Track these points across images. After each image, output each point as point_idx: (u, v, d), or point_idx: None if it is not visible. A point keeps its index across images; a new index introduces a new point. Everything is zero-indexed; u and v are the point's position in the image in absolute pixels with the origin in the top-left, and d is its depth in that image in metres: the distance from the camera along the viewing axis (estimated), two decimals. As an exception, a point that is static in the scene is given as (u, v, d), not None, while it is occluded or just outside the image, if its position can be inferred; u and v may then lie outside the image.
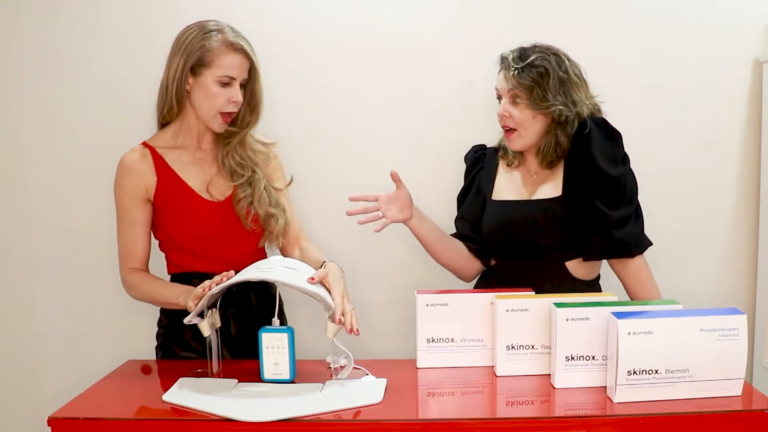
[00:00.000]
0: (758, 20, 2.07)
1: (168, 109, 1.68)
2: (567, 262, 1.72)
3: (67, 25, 2.07)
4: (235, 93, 1.63)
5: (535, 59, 1.65)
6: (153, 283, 1.67)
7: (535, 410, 1.41)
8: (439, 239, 1.80)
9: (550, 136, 1.69)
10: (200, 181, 1.70)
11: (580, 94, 1.68)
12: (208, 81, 1.61)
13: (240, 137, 1.71)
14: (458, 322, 1.57)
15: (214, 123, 1.66)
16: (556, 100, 1.64)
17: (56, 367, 2.20)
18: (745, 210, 2.15)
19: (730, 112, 2.12)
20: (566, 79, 1.66)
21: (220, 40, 1.61)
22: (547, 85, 1.64)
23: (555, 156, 1.71)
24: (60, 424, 1.31)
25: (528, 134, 1.70)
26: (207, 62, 1.61)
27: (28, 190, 2.15)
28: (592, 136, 1.66)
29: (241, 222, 1.70)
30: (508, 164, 1.81)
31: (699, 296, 2.11)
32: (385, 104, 2.11)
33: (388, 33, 2.08)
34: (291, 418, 1.28)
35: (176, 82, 1.63)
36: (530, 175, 1.77)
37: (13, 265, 2.18)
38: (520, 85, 1.65)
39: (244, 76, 1.65)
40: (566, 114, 1.65)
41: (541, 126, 1.69)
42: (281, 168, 1.82)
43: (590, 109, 1.69)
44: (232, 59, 1.61)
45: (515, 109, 1.68)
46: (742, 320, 1.34)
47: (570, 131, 1.68)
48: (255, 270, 1.50)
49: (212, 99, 1.62)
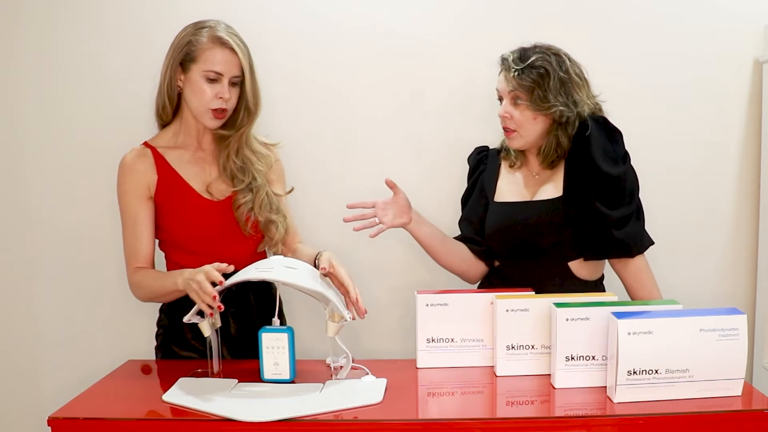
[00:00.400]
0: (758, 20, 2.06)
1: (162, 107, 1.68)
2: (570, 262, 1.72)
3: (67, 25, 2.07)
4: (222, 90, 1.62)
5: (536, 60, 1.64)
6: (154, 276, 1.65)
7: (535, 410, 1.41)
8: (441, 242, 1.80)
9: (551, 136, 1.69)
10: (200, 181, 1.70)
11: (581, 94, 1.67)
12: (195, 76, 1.61)
13: (237, 139, 1.70)
14: (458, 322, 1.57)
15: (206, 119, 1.65)
16: (557, 101, 1.64)
17: (56, 367, 2.20)
18: (745, 210, 2.15)
19: (730, 111, 2.12)
20: (567, 79, 1.65)
21: (208, 35, 1.61)
22: (548, 85, 1.63)
23: (555, 156, 1.71)
24: (60, 424, 1.31)
25: (528, 134, 1.69)
26: (194, 57, 1.61)
27: (28, 190, 2.15)
28: (592, 135, 1.66)
29: (240, 227, 1.70)
30: (511, 165, 1.81)
31: (699, 296, 2.11)
32: (385, 105, 2.11)
33: (389, 33, 2.08)
34: (291, 418, 1.28)
35: (167, 79, 1.64)
36: (532, 176, 1.77)
37: (13, 265, 2.18)
38: (521, 86, 1.64)
39: (232, 73, 1.63)
40: (567, 115, 1.65)
41: (542, 127, 1.69)
42: (283, 174, 1.82)
43: (591, 109, 1.69)
44: (218, 54, 1.61)
45: (516, 110, 1.68)
46: (742, 320, 1.34)
47: (571, 132, 1.67)
48: (255, 270, 1.50)
49: (200, 95, 1.62)
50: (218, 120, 1.66)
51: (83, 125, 2.10)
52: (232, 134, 1.69)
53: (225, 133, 1.69)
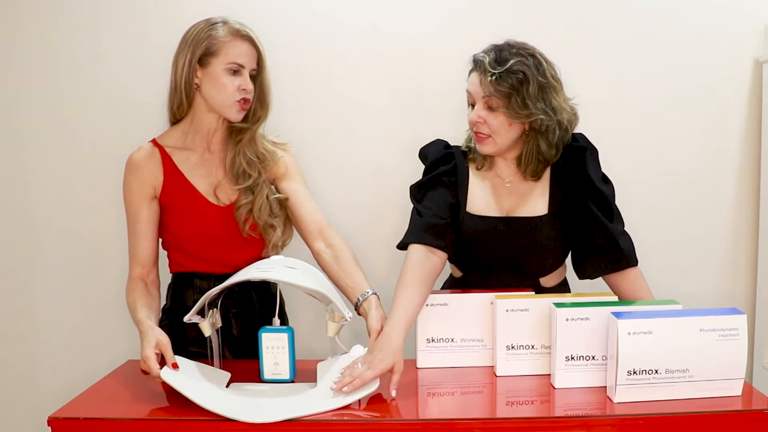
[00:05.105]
0: (758, 20, 2.07)
1: (178, 105, 1.67)
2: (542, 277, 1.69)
3: (67, 25, 2.07)
4: (244, 81, 1.62)
5: (514, 64, 1.52)
6: (134, 301, 1.58)
7: (535, 410, 1.41)
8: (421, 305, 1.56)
9: (530, 144, 1.60)
10: (207, 184, 1.70)
11: (558, 99, 1.57)
12: (216, 70, 1.61)
13: (251, 133, 1.69)
14: (458, 322, 1.57)
15: (231, 112, 1.64)
16: (536, 108, 1.54)
17: (56, 367, 2.20)
18: (745, 210, 2.16)
19: (730, 112, 2.12)
20: (545, 84, 1.55)
21: (227, 29, 1.62)
22: (527, 92, 1.53)
23: (538, 164, 1.63)
24: (60, 424, 1.31)
25: (502, 141, 1.60)
26: (214, 51, 1.60)
27: (29, 191, 2.15)
28: (588, 152, 1.61)
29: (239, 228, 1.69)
30: (478, 168, 1.69)
31: (699, 296, 2.12)
32: (386, 104, 2.11)
33: (389, 32, 2.08)
34: (291, 418, 1.28)
35: (185, 76, 1.63)
36: (503, 185, 1.67)
37: (14, 266, 2.18)
38: (498, 92, 1.53)
39: (252, 66, 1.64)
40: (547, 123, 1.56)
41: (517, 132, 1.59)
42: (296, 165, 1.78)
43: (569, 114, 1.60)
44: (240, 47, 1.61)
45: (491, 116, 1.57)
46: (742, 320, 1.34)
47: (552, 139, 1.58)
48: (256, 269, 1.50)
49: (222, 88, 1.61)
50: (243, 111, 1.65)
51: (83, 125, 2.11)
52: (247, 127, 1.68)
53: (241, 125, 1.68)
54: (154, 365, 1.38)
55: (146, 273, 1.66)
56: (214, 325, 1.53)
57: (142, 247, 1.66)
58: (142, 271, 1.66)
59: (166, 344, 1.43)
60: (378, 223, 2.12)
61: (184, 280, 1.74)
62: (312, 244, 1.71)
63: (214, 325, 1.53)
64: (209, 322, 1.51)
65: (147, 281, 1.65)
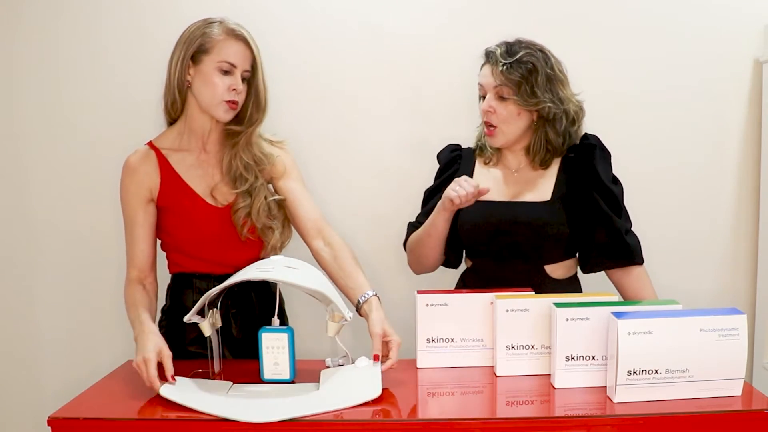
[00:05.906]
0: (758, 20, 2.07)
1: (172, 103, 1.67)
2: (546, 265, 1.70)
3: (68, 25, 2.07)
4: (235, 81, 1.62)
5: (523, 55, 1.63)
6: (132, 304, 1.59)
7: (535, 410, 1.41)
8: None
9: (539, 133, 1.69)
10: (203, 185, 1.70)
11: (565, 91, 1.67)
12: (208, 68, 1.61)
13: (247, 136, 1.68)
14: (458, 322, 1.57)
15: (219, 111, 1.63)
16: (544, 97, 1.63)
17: (56, 367, 2.20)
18: (745, 210, 2.16)
19: (730, 112, 2.12)
20: (552, 75, 1.65)
21: (222, 28, 1.62)
22: (536, 81, 1.63)
23: (546, 153, 1.70)
24: (60, 424, 1.31)
25: (510, 131, 1.68)
26: (207, 49, 1.60)
27: (29, 191, 2.15)
28: (596, 152, 1.66)
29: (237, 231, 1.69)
30: (486, 162, 1.78)
31: (699, 296, 2.12)
32: (387, 103, 2.11)
33: (389, 32, 2.08)
34: (291, 418, 1.28)
35: (177, 73, 1.63)
36: (511, 174, 1.75)
37: (14, 266, 2.18)
38: (509, 80, 1.63)
39: (245, 67, 1.63)
40: (554, 111, 1.65)
41: (525, 123, 1.68)
42: (294, 163, 1.78)
43: (576, 107, 1.69)
44: (233, 46, 1.61)
45: (501, 105, 1.66)
46: (742, 320, 1.34)
47: (559, 128, 1.67)
48: (256, 269, 1.50)
49: (212, 87, 1.61)
50: (231, 111, 1.64)
51: (83, 125, 2.11)
52: (243, 130, 1.68)
53: (236, 128, 1.68)
54: (153, 370, 1.38)
55: (144, 276, 1.65)
56: (214, 325, 1.53)
57: (140, 250, 1.66)
58: (140, 275, 1.65)
59: (168, 356, 1.42)
60: (378, 223, 2.12)
61: (183, 281, 1.74)
62: (310, 242, 1.70)
63: (214, 325, 1.53)
64: (209, 322, 1.51)
65: (145, 284, 1.65)
